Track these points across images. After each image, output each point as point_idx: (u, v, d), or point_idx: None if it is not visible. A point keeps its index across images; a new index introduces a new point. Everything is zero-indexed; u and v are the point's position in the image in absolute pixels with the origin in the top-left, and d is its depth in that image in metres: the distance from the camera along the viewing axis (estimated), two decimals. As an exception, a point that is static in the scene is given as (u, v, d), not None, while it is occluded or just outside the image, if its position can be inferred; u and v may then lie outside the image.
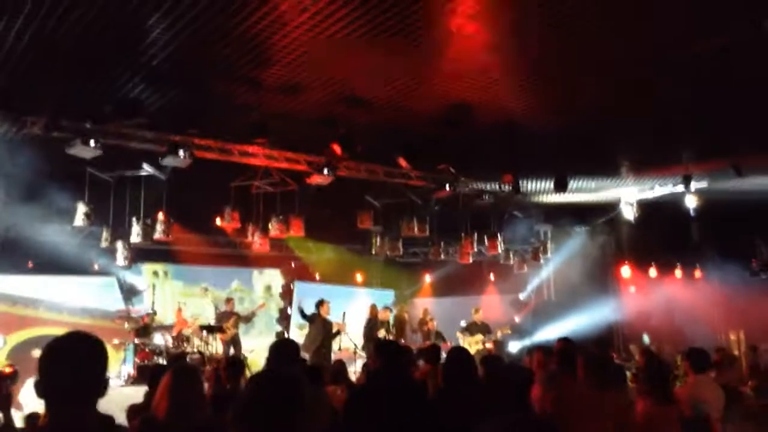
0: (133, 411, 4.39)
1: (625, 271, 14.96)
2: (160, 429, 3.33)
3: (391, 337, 12.61)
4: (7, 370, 7.92)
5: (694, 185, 11.29)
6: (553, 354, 5.48)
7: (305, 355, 9.46)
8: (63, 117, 8.21)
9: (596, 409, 4.42)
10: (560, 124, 9.39)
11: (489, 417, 1.67)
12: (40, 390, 2.15)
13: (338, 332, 11.91)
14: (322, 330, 11.63)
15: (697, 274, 14.97)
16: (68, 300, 13.00)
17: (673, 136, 9.98)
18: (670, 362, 9.06)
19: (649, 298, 14.52)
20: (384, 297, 16.42)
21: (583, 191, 12.71)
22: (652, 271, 15.09)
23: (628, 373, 8.04)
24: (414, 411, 3.42)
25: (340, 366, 7.09)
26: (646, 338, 12.17)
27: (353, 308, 13.98)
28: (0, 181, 9.75)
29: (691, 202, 11.78)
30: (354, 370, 10.60)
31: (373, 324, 12.87)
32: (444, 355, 6.45)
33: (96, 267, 12.67)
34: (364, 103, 8.71)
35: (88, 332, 2.36)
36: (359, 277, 15.80)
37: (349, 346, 12.34)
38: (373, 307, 13.39)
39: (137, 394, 4.73)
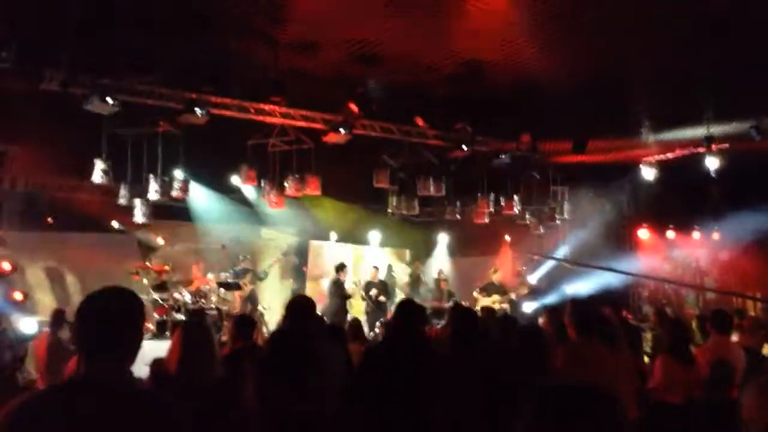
0: (155, 365, 4.46)
1: (643, 232, 14.88)
2: (170, 383, 3.40)
3: (382, 297, 12.76)
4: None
5: (715, 146, 11.14)
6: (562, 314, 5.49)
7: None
8: (80, 73, 8.21)
9: (607, 365, 4.43)
10: (579, 83, 9.25)
11: (502, 377, 1.67)
12: (77, 344, 2.16)
13: (349, 296, 12.34)
14: (340, 294, 12.03)
15: (715, 236, 14.86)
16: (87, 257, 13.19)
17: (694, 95, 9.80)
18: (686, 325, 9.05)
19: (666, 260, 14.47)
20: (399, 256, 16.51)
21: (602, 151, 12.57)
22: (670, 233, 15.00)
23: (643, 335, 8.07)
24: (426, 369, 3.46)
25: (357, 324, 7.17)
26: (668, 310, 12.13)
27: (367, 268, 14.11)
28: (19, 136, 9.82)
29: (711, 164, 11.62)
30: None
31: (366, 285, 13.10)
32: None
33: (114, 224, 12.78)
34: (380, 62, 8.63)
35: (125, 288, 2.35)
36: (375, 236, 15.82)
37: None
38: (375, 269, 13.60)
39: (155, 348, 4.81)
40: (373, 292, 12.75)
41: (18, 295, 8.13)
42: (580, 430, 1.49)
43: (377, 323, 11.49)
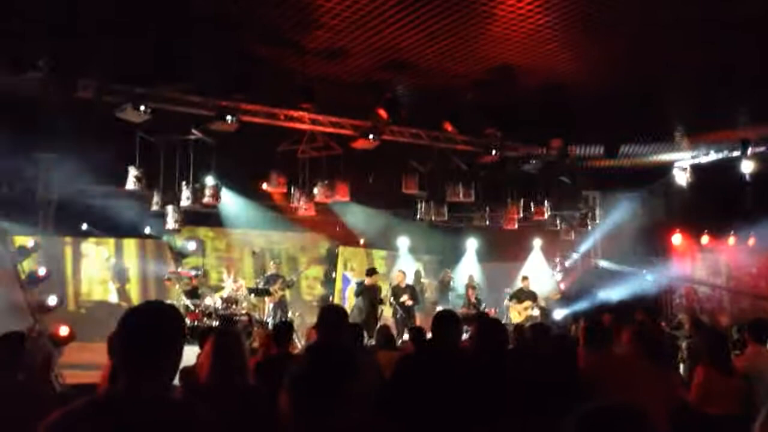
0: (184, 373, 4.48)
1: (676, 238, 14.62)
2: (200, 391, 3.40)
3: (409, 302, 12.61)
4: (63, 332, 8.06)
5: (750, 150, 10.93)
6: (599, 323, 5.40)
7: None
8: (113, 81, 8.34)
9: (638, 378, 4.34)
10: (610, 87, 9.14)
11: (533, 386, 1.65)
12: (115, 358, 2.16)
13: (381, 301, 12.25)
14: (370, 299, 11.96)
15: (751, 241, 14.53)
16: (120, 263, 13.40)
17: (728, 98, 9.60)
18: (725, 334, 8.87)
19: (701, 266, 14.19)
20: (428, 262, 16.46)
21: (634, 156, 12.40)
22: (705, 238, 14.70)
23: (678, 344, 7.92)
24: (461, 379, 3.43)
25: (387, 332, 7.12)
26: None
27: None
28: (54, 144, 9.99)
29: (747, 168, 11.40)
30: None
31: (394, 290, 12.98)
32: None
33: (147, 230, 12.95)
34: (409, 68, 8.62)
35: (166, 303, 2.36)
36: (403, 242, 15.79)
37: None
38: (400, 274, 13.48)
39: (187, 353, 4.83)
40: (403, 297, 12.69)
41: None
42: None
43: (405, 329, 11.46)
